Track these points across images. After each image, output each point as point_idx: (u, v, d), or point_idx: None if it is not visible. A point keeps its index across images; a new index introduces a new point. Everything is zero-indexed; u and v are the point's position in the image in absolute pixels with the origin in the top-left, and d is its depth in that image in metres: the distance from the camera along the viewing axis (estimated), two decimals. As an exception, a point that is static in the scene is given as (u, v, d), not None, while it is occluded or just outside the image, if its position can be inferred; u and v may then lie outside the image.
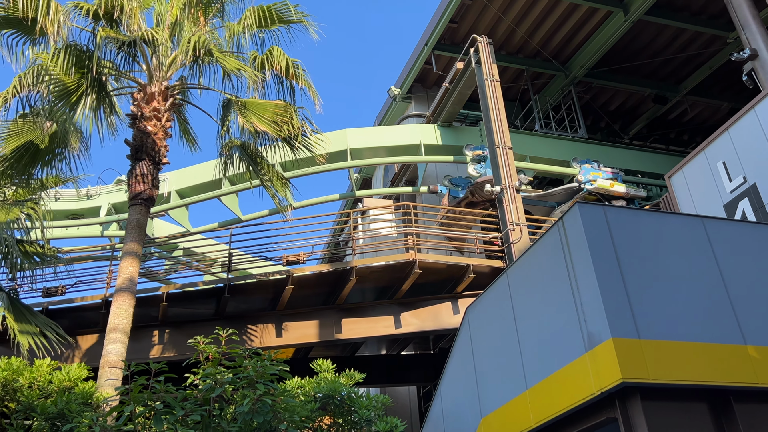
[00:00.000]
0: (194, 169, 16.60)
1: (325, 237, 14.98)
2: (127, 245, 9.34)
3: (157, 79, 10.30)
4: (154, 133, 10.09)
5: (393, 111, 20.40)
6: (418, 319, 12.38)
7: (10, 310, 9.68)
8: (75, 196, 16.12)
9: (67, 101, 9.99)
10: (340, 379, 7.49)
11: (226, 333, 6.51)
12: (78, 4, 9.39)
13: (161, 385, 5.72)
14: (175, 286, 12.36)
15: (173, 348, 12.05)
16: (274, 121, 10.44)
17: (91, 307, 12.20)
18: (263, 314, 12.52)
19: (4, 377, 7.57)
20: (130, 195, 9.84)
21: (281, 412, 5.80)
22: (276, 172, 11.65)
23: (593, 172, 15.43)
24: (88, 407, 7.12)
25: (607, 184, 15.28)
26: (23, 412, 7.39)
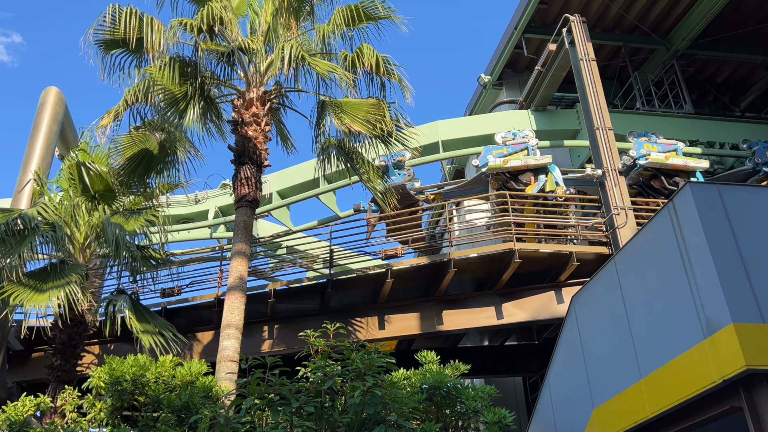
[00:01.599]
0: (293, 169, 17.15)
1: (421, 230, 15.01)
2: (236, 245, 9.79)
3: (254, 85, 10.71)
4: (255, 137, 10.50)
5: (484, 99, 20.11)
6: (521, 310, 12.18)
7: (132, 312, 10.42)
8: (185, 202, 17.09)
9: (175, 110, 10.58)
10: (445, 371, 7.53)
11: (333, 327, 6.70)
12: (181, 21, 9.92)
13: (276, 378, 5.97)
14: (281, 283, 12.84)
15: (282, 342, 12.52)
16: (367, 119, 10.59)
17: (205, 305, 12.89)
18: (365, 307, 12.76)
19: (133, 373, 8.15)
20: (236, 198, 10.30)
21: (390, 404, 5.90)
22: (372, 168, 11.83)
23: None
24: (209, 400, 7.55)
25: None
26: (151, 405, 7.94)
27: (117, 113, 10.64)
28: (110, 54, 10.29)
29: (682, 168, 13.93)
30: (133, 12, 9.86)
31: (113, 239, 10.14)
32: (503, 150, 13.92)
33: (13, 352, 12.97)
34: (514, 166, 13.64)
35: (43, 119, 14.20)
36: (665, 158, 13.78)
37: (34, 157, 13.69)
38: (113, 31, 10.07)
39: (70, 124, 15.29)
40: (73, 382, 10.36)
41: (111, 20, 9.91)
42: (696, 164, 13.96)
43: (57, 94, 14.69)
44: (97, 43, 10.07)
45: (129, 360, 8.24)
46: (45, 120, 14.20)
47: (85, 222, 11.26)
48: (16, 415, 8.45)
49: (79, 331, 10.86)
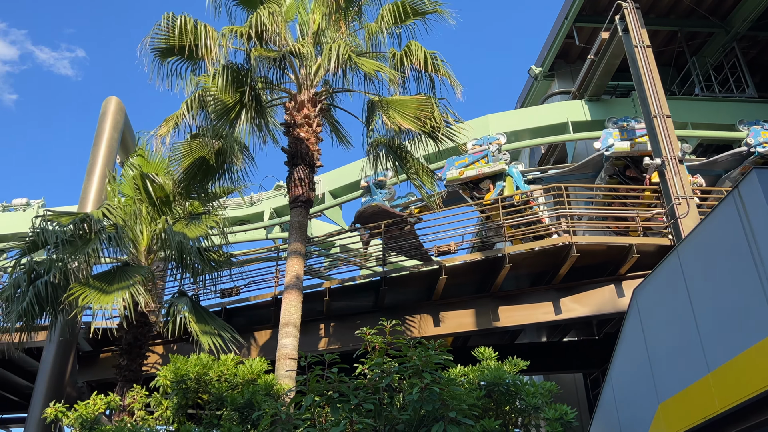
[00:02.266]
0: (344, 169, 17.29)
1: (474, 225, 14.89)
2: (292, 245, 9.94)
3: (305, 87, 10.84)
4: (307, 138, 10.62)
5: (535, 91, 19.80)
6: (580, 304, 11.93)
7: (192, 314, 10.70)
8: (241, 204, 17.45)
9: (228, 118, 10.82)
10: (503, 367, 7.44)
11: (389, 324, 6.72)
12: (232, 28, 10.12)
13: (335, 375, 6.02)
14: (335, 282, 12.96)
15: (339, 340, 12.65)
16: (417, 116, 10.56)
17: (263, 305, 13.14)
18: (419, 305, 12.75)
19: (197, 371, 8.38)
20: (290, 198, 10.45)
21: (448, 400, 5.87)
22: (421, 165, 11.81)
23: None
24: (270, 397, 7.68)
25: (456, 173, 13.63)
26: (215, 403, 8.15)
27: (175, 121, 10.93)
28: (166, 62, 10.57)
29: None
30: (187, 20, 10.11)
31: (176, 244, 10.44)
32: (465, 160, 13.89)
33: (82, 353, 13.53)
34: (470, 176, 13.66)
35: (104, 128, 14.75)
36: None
37: (98, 164, 14.24)
38: (168, 39, 10.34)
39: (130, 131, 15.83)
40: (140, 381, 10.72)
41: (166, 29, 10.19)
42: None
43: (117, 104, 15.22)
44: (153, 51, 10.36)
45: (192, 359, 8.47)
46: (107, 129, 14.74)
47: (148, 226, 11.63)
48: (87, 413, 8.80)
49: (144, 332, 11.23)
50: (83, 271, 10.35)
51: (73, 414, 8.90)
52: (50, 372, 12.23)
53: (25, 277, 10.65)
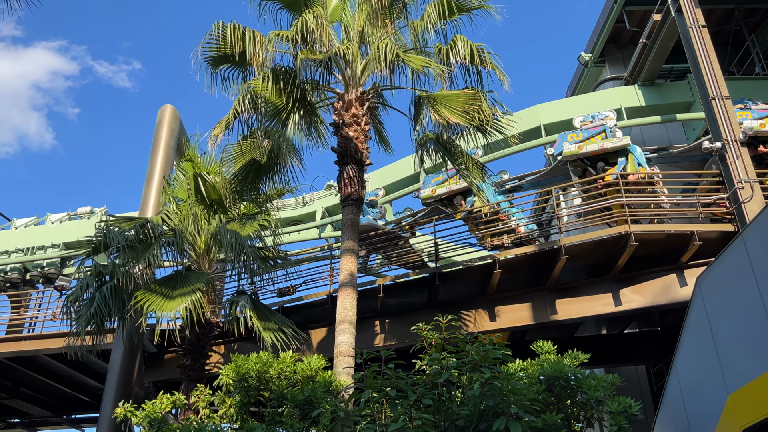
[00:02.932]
0: (393, 166, 17.32)
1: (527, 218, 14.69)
2: (345, 243, 10.03)
3: (352, 86, 10.91)
4: (356, 137, 10.70)
5: (586, 78, 19.37)
6: (640, 295, 11.63)
7: (253, 311, 10.94)
8: (293, 205, 17.70)
9: (278, 119, 11.00)
10: (563, 360, 7.33)
11: (444, 320, 6.71)
12: (278, 33, 10.29)
13: (392, 372, 6.06)
14: (388, 279, 13.01)
15: (394, 336, 12.69)
16: (465, 110, 10.50)
17: (318, 303, 13.31)
18: (474, 299, 12.67)
19: (257, 369, 8.56)
20: (342, 197, 10.55)
21: (509, 395, 5.82)
22: (471, 159, 11.73)
23: (740, 113, 13.00)
24: (329, 394, 7.79)
25: (756, 125, 12.79)
26: (276, 401, 8.31)
27: (227, 124, 11.18)
28: (218, 69, 10.84)
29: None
30: (236, 27, 10.32)
31: (231, 245, 10.69)
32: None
33: (148, 354, 14.01)
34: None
35: (161, 136, 15.21)
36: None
37: (156, 171, 14.70)
38: (219, 47, 10.59)
39: (185, 138, 16.26)
40: (203, 380, 11.04)
41: (216, 37, 10.44)
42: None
43: (172, 112, 15.67)
44: (205, 60, 10.63)
45: (253, 357, 8.66)
46: (163, 136, 15.20)
47: (204, 228, 11.94)
48: (155, 412, 9.11)
49: (206, 333, 11.54)
50: (145, 275, 10.72)
51: (141, 413, 9.23)
52: (118, 373, 12.71)
53: (92, 279, 11.07)
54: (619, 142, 12.87)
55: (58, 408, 19.03)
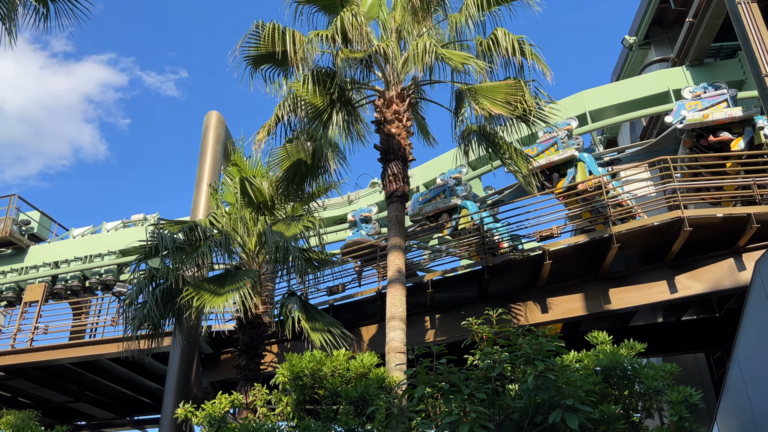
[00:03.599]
0: (437, 161, 17.28)
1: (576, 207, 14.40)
2: (391, 240, 10.07)
3: (392, 83, 10.93)
4: (398, 134, 10.72)
5: (631, 62, 18.90)
6: (697, 281, 11.31)
7: (302, 312, 11.08)
8: (339, 204, 17.86)
9: (320, 120, 11.10)
10: (619, 351, 7.21)
11: (495, 313, 6.67)
12: (317, 32, 10.37)
13: (444, 367, 6.07)
14: (436, 274, 13.00)
15: (445, 331, 12.68)
16: (507, 101, 10.40)
17: (368, 300, 13.40)
18: (524, 292, 12.54)
19: (311, 368, 8.69)
20: (386, 194, 10.59)
21: (564, 387, 5.76)
22: (515, 150, 11.61)
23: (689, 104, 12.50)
24: (383, 391, 7.84)
25: (699, 116, 12.30)
26: (330, 398, 8.42)
27: (270, 127, 11.36)
28: (259, 69, 11.02)
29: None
30: (275, 27, 10.46)
31: (276, 246, 10.85)
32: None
33: (204, 356, 14.36)
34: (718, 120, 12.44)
35: (208, 141, 15.54)
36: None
37: (204, 176, 15.03)
38: (258, 47, 10.76)
39: (231, 143, 16.59)
40: (259, 379, 11.26)
41: (256, 36, 10.60)
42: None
43: (217, 117, 15.99)
44: (245, 59, 10.82)
45: (306, 356, 8.79)
46: (210, 142, 15.53)
47: (252, 230, 12.17)
48: (214, 412, 9.35)
49: (259, 333, 11.76)
50: (196, 277, 10.98)
51: (201, 413, 9.48)
52: (177, 375, 13.06)
53: (145, 282, 11.41)
54: (564, 155, 12.74)
55: (121, 410, 19.69)
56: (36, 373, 16.47)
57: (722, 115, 12.41)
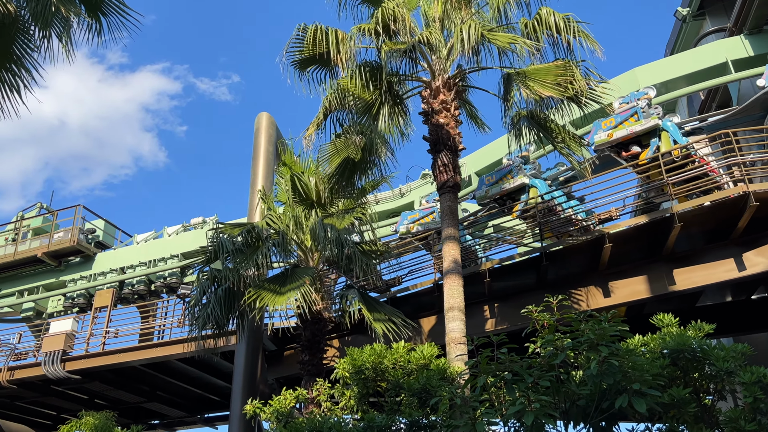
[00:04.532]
0: (487, 149, 17.11)
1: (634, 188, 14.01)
2: (445, 231, 10.04)
3: (438, 73, 10.87)
4: (446, 123, 10.66)
5: (685, 34, 18.22)
6: (766, 258, 10.85)
7: (363, 303, 11.19)
8: (391, 197, 17.91)
9: (369, 114, 11.14)
10: (686, 332, 6.99)
11: (555, 300, 6.58)
12: (360, 27, 10.42)
13: (506, 356, 6.02)
14: (493, 263, 12.89)
15: (505, 320, 12.57)
16: (557, 83, 10.21)
17: (425, 292, 13.42)
18: (585, 277, 12.31)
19: (372, 361, 8.77)
20: (438, 185, 10.56)
21: (630, 372, 5.64)
22: (568, 133, 11.38)
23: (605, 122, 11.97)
24: (444, 381, 7.85)
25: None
26: (393, 390, 8.48)
27: (317, 124, 11.49)
28: (306, 71, 11.16)
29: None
30: (318, 28, 10.57)
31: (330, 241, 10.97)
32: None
33: (268, 353, 14.67)
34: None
35: (260, 143, 15.83)
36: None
37: (258, 177, 15.32)
38: (303, 50, 10.89)
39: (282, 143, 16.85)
40: (322, 374, 11.43)
41: (300, 39, 10.74)
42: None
43: (268, 119, 16.26)
44: (292, 63, 10.97)
45: (366, 350, 8.87)
46: (262, 143, 15.81)
47: (306, 228, 12.35)
48: (281, 407, 9.55)
49: (320, 328, 11.94)
50: (256, 277, 11.22)
51: (268, 409, 9.71)
52: (243, 372, 13.40)
53: (208, 284, 11.74)
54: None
55: (191, 408, 20.36)
56: (110, 376, 17.21)
57: (624, 132, 12.08)
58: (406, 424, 7.72)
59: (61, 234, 20.51)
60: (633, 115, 12.42)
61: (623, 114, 12.54)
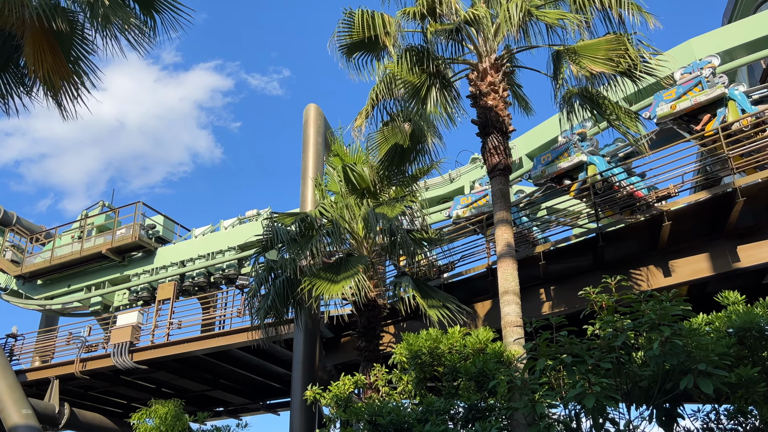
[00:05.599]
0: (538, 129, 16.81)
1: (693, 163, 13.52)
2: (498, 214, 9.94)
3: (485, 54, 10.73)
4: (495, 105, 10.52)
5: (742, 1, 17.41)
6: (838, 230, 10.35)
7: (416, 290, 11.21)
8: (441, 183, 17.84)
9: (418, 97, 11.06)
10: (753, 310, 6.75)
11: (614, 281, 6.46)
12: (405, 10, 10.37)
13: (564, 338, 5.96)
14: (548, 245, 12.70)
15: (561, 302, 12.40)
16: (608, 58, 9.94)
17: (478, 276, 13.33)
18: (643, 256, 12.00)
19: (428, 346, 8.81)
20: (488, 168, 10.45)
21: (694, 352, 5.50)
22: (622, 109, 11.08)
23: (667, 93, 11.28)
24: (502, 365, 7.83)
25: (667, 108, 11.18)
26: (450, 375, 8.50)
27: (366, 113, 11.52)
28: (352, 57, 11.19)
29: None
30: (364, 12, 10.56)
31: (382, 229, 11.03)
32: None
33: (326, 340, 14.91)
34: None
35: (309, 134, 16.00)
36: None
37: (309, 167, 15.51)
38: (350, 35, 10.91)
39: (331, 134, 17.00)
40: (379, 360, 11.55)
41: (347, 25, 10.76)
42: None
43: (316, 110, 16.41)
44: (339, 49, 11.02)
45: (422, 335, 8.92)
46: (311, 134, 15.99)
47: (358, 216, 12.45)
48: (340, 393, 9.71)
49: (375, 315, 12.05)
50: (311, 266, 11.39)
51: (328, 395, 9.88)
52: (302, 359, 13.67)
53: (265, 274, 11.98)
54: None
55: (253, 395, 20.91)
56: (175, 365, 17.83)
57: (688, 103, 11.52)
58: (464, 407, 7.74)
59: (123, 230, 21.28)
60: (697, 85, 11.93)
61: (686, 84, 12.05)
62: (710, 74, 11.94)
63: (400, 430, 7.61)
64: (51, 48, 7.44)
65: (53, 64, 7.50)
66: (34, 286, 23.52)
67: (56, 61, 7.53)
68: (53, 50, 7.47)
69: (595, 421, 5.66)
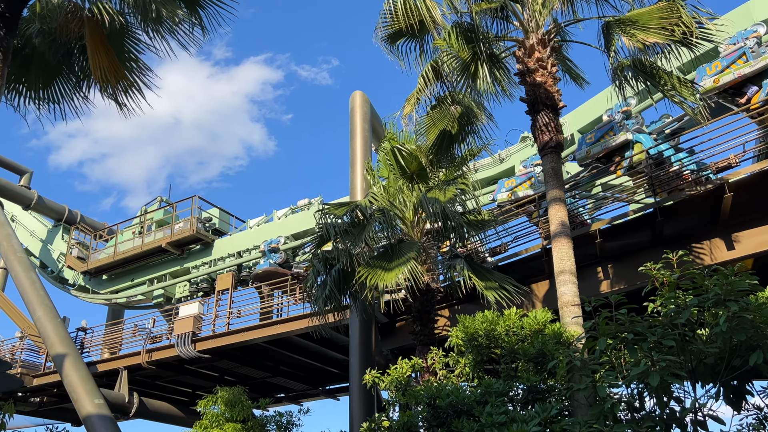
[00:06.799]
0: (588, 104, 16.40)
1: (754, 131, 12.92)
2: (550, 193, 9.77)
3: (531, 30, 10.51)
4: (544, 82, 10.31)
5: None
6: None
7: (471, 272, 11.15)
8: (491, 164, 17.64)
9: (468, 73, 10.88)
10: (828, 282, 6.46)
11: (675, 256, 6.27)
12: (448, -8, 10.25)
13: (625, 317, 5.82)
14: (604, 222, 12.43)
15: (621, 280, 12.14)
16: (661, 27, 9.58)
17: (533, 257, 13.18)
18: (705, 230, 11.63)
19: (484, 328, 8.77)
20: (539, 146, 10.26)
21: (763, 327, 5.29)
22: (678, 79, 10.68)
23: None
24: (561, 345, 7.73)
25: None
26: (508, 356, 8.45)
27: (416, 99, 11.48)
28: (396, 44, 11.15)
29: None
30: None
31: (436, 211, 10.99)
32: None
33: (381, 325, 15.03)
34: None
35: (356, 121, 16.06)
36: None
37: (357, 155, 15.58)
38: (393, 23, 10.87)
39: (377, 119, 17.00)
40: (434, 343, 11.58)
41: (390, 12, 10.72)
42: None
43: (361, 97, 16.43)
44: (383, 38, 10.99)
45: (478, 317, 8.89)
46: (357, 122, 16.04)
47: (409, 201, 12.44)
48: (398, 376, 9.79)
49: (429, 299, 12.07)
50: (365, 255, 11.48)
51: (387, 378, 9.98)
52: (359, 345, 13.83)
53: (321, 265, 12.14)
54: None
55: (313, 381, 21.30)
56: (236, 353, 18.31)
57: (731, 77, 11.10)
58: (523, 389, 7.69)
59: (181, 224, 21.89)
60: (741, 57, 11.41)
61: (729, 57, 11.54)
62: (755, 44, 11.38)
63: (460, 412, 7.62)
64: (105, 50, 7.69)
65: (109, 65, 7.77)
66: (100, 281, 24.49)
67: (111, 62, 7.78)
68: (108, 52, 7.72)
69: (659, 400, 5.53)
